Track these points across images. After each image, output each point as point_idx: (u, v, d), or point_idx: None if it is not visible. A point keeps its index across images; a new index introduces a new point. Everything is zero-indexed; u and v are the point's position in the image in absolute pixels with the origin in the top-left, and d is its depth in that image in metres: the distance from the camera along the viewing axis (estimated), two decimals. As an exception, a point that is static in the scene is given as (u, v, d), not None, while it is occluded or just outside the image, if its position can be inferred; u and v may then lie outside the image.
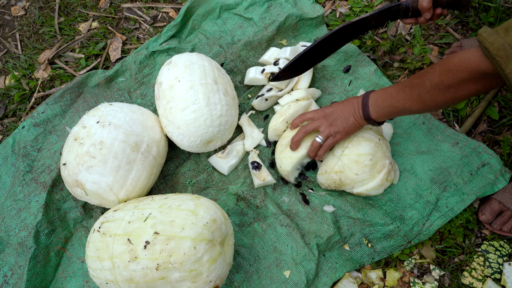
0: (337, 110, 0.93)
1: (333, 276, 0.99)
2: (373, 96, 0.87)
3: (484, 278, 0.97)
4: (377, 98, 0.86)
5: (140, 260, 0.79)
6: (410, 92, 0.78)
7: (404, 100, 0.80)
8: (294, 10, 1.28)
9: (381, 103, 0.85)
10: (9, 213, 1.07)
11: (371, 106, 0.87)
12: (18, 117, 1.34)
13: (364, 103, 0.88)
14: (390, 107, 0.84)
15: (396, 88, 0.83)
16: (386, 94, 0.84)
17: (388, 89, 0.85)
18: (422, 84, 0.75)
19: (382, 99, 0.85)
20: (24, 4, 1.58)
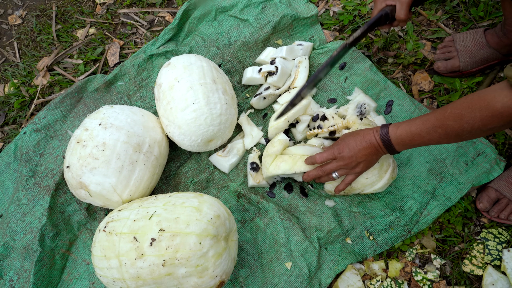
0: (358, 153, 0.90)
1: (336, 268, 1.01)
2: (396, 136, 0.85)
3: (484, 265, 0.99)
4: (402, 139, 0.84)
5: (147, 257, 0.81)
6: (445, 133, 0.78)
7: (437, 139, 0.81)
8: (288, 10, 1.30)
9: (409, 143, 0.85)
10: (14, 217, 1.07)
11: (397, 145, 0.86)
12: (18, 124, 1.35)
13: (387, 144, 0.86)
14: (421, 144, 0.84)
15: (424, 128, 0.81)
16: (413, 135, 0.83)
17: (414, 129, 0.82)
18: (461, 127, 0.75)
19: (409, 140, 0.84)
20: (21, 13, 1.59)
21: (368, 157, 0.90)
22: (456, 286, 0.98)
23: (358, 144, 0.90)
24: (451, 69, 1.17)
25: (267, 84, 1.20)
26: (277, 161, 1.03)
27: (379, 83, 1.19)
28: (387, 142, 0.86)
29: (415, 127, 0.82)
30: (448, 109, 0.77)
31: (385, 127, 0.87)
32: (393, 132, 0.85)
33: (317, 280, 1.00)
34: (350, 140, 0.91)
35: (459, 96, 1.17)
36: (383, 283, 1.01)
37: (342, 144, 0.92)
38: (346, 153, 0.91)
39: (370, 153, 0.89)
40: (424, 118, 0.82)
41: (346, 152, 0.91)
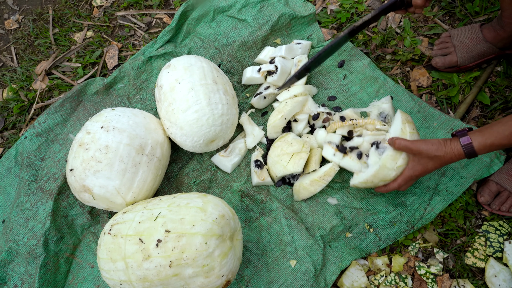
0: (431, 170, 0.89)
1: (341, 265, 1.02)
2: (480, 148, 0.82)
3: (486, 257, 1.00)
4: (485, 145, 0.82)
5: (153, 259, 0.81)
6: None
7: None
8: (286, 10, 1.31)
9: (492, 147, 0.82)
10: (17, 223, 1.07)
11: (480, 152, 0.84)
12: (18, 129, 1.35)
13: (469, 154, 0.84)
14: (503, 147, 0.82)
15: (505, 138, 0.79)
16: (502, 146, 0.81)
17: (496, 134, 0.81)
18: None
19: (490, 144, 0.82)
20: (17, 17, 1.59)
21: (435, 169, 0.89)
22: (459, 279, 0.99)
23: (436, 165, 0.88)
24: (449, 64, 1.18)
25: (267, 84, 1.21)
26: (295, 159, 1.04)
27: (378, 79, 1.20)
28: (472, 154, 0.84)
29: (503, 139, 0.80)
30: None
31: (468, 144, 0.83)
32: (477, 142, 0.82)
33: (323, 278, 1.00)
34: (429, 163, 0.88)
35: (457, 91, 1.18)
36: (387, 278, 1.02)
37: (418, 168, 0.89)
38: (421, 174, 0.90)
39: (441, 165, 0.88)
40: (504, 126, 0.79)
41: (421, 173, 0.90)
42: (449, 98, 1.19)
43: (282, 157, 1.07)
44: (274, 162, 1.09)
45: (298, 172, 1.06)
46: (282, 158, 1.07)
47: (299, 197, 1.08)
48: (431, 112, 1.15)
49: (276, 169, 1.08)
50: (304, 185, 1.06)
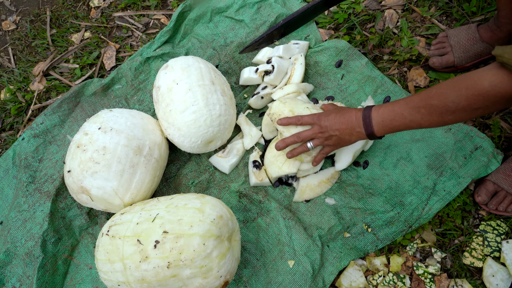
0: (333, 126, 0.91)
1: (339, 265, 1.02)
2: (378, 115, 0.85)
3: (484, 257, 1.01)
4: (383, 118, 0.84)
5: (151, 260, 0.81)
6: (428, 113, 0.77)
7: (419, 120, 0.79)
8: (283, 10, 1.31)
9: (389, 123, 0.84)
10: (15, 224, 1.07)
11: (376, 126, 0.85)
12: (15, 130, 1.34)
13: (366, 123, 0.86)
14: (401, 126, 0.83)
15: (407, 108, 0.80)
16: (395, 114, 0.82)
17: (397, 109, 0.82)
18: (445, 106, 0.74)
19: (390, 119, 0.83)
20: (15, 18, 1.58)
21: (341, 133, 0.90)
22: (457, 279, 1.00)
23: (336, 117, 0.91)
24: (446, 64, 1.19)
25: (264, 84, 1.21)
26: (290, 160, 1.05)
27: (375, 79, 1.20)
28: (367, 120, 0.85)
29: (398, 107, 0.82)
30: (433, 89, 0.76)
31: (369, 107, 0.87)
32: (375, 111, 0.85)
33: (321, 278, 1.00)
34: (332, 112, 0.94)
35: (455, 91, 1.19)
36: (385, 278, 1.02)
37: (323, 113, 0.95)
38: (323, 121, 0.92)
39: (344, 130, 0.90)
40: (408, 99, 0.81)
41: (323, 121, 0.92)
42: (447, 98, 1.19)
43: (278, 158, 1.07)
44: (270, 163, 1.09)
45: (293, 173, 1.06)
46: (277, 159, 1.07)
47: (302, 198, 1.08)
48: (429, 112, 1.15)
49: (271, 170, 1.08)
50: (312, 186, 1.07)
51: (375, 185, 1.07)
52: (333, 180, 1.09)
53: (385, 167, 1.09)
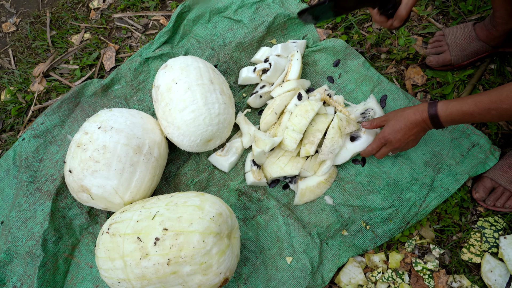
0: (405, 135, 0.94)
1: (338, 262, 1.02)
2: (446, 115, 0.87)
3: (482, 253, 1.01)
4: (453, 118, 0.87)
5: (151, 257, 0.81)
6: (499, 116, 0.80)
7: (489, 119, 0.82)
8: (282, 10, 1.32)
9: (458, 121, 0.87)
10: (15, 223, 1.08)
11: (445, 122, 0.89)
12: (16, 131, 1.35)
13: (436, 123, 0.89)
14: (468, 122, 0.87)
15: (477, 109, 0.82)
16: (464, 114, 0.84)
17: (466, 109, 0.84)
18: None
19: (459, 119, 0.86)
20: (15, 20, 1.59)
21: (416, 135, 0.94)
22: (456, 275, 1.00)
23: (403, 127, 0.94)
24: (443, 63, 1.20)
25: (263, 83, 1.22)
26: (293, 162, 1.07)
27: (372, 78, 1.21)
28: (435, 119, 0.88)
29: (467, 107, 0.83)
30: (504, 92, 0.77)
31: (433, 105, 0.89)
32: (443, 110, 0.87)
33: (320, 275, 1.01)
34: (395, 124, 0.95)
35: (452, 89, 1.20)
36: (384, 275, 1.02)
37: (387, 130, 0.97)
38: (393, 137, 0.95)
39: (417, 132, 0.93)
40: (476, 99, 0.82)
41: (392, 137, 0.95)
42: (444, 96, 1.20)
43: (280, 159, 1.09)
44: (270, 162, 1.10)
45: (295, 174, 1.07)
46: (280, 159, 1.09)
47: (303, 200, 1.09)
48: (426, 110, 1.16)
49: (272, 170, 1.09)
50: (311, 187, 1.07)
51: (373, 182, 1.08)
52: (331, 179, 1.10)
53: (383, 165, 1.10)
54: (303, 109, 1.08)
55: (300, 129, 1.06)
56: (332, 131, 1.06)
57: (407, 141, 0.95)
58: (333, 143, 1.06)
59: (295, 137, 1.05)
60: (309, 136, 1.07)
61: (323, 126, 1.07)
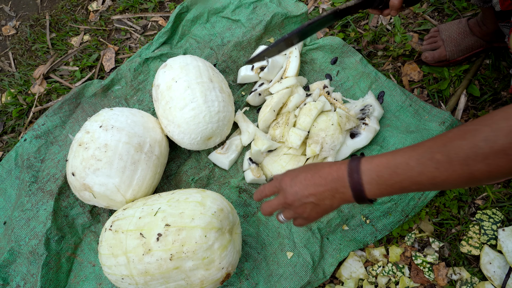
0: (305, 191, 0.66)
1: (338, 256, 1.03)
2: (370, 168, 0.60)
3: (481, 245, 1.03)
4: (379, 173, 0.59)
5: (154, 252, 0.82)
6: (448, 161, 0.53)
7: (433, 172, 0.54)
8: (279, 9, 1.34)
9: (388, 179, 0.58)
10: (18, 223, 1.08)
11: (368, 184, 0.60)
12: (17, 132, 1.36)
13: (354, 180, 0.61)
14: (405, 182, 0.57)
15: (414, 155, 0.56)
16: (396, 166, 0.58)
17: (399, 158, 0.58)
18: (473, 147, 0.50)
19: (389, 173, 0.58)
20: (14, 23, 1.61)
21: (318, 199, 0.65)
22: (455, 267, 1.01)
23: (307, 178, 0.66)
24: (438, 58, 1.21)
25: (261, 80, 1.23)
26: (294, 161, 1.08)
27: (370, 75, 1.23)
28: (355, 176, 0.61)
29: (401, 156, 0.58)
30: (455, 129, 0.55)
31: (356, 158, 0.63)
32: (367, 163, 0.61)
33: (321, 269, 1.02)
34: (301, 171, 0.68)
35: (448, 84, 1.21)
36: (384, 268, 1.03)
37: (288, 174, 0.70)
38: (289, 187, 0.68)
39: (322, 194, 0.64)
40: (415, 145, 0.58)
41: (288, 185, 0.68)
42: (440, 91, 1.22)
43: (281, 157, 1.10)
44: (272, 161, 1.11)
45: None
46: (282, 158, 1.10)
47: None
48: (422, 105, 1.17)
49: (273, 168, 1.10)
50: None
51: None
52: None
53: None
54: (306, 108, 1.09)
55: (305, 127, 1.07)
56: (332, 127, 1.07)
57: (304, 201, 0.66)
58: (333, 140, 1.07)
59: (299, 134, 1.06)
60: (313, 136, 1.08)
61: (325, 125, 1.09)
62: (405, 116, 1.18)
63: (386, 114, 1.18)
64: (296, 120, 1.11)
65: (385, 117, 1.18)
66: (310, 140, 1.08)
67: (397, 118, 1.18)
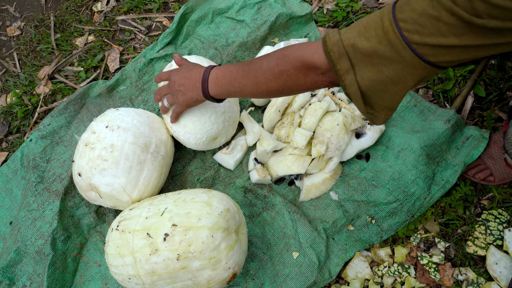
0: (178, 81, 0.90)
1: (344, 256, 1.03)
2: (215, 72, 0.83)
3: (487, 245, 1.02)
4: (217, 75, 0.82)
5: (161, 252, 0.82)
6: (248, 71, 0.76)
7: (241, 79, 0.77)
8: (283, 10, 1.34)
9: (221, 80, 0.81)
10: (24, 223, 1.09)
11: (210, 83, 0.83)
12: (22, 133, 1.37)
13: (204, 79, 0.84)
14: (228, 85, 0.80)
15: (236, 66, 0.79)
16: (226, 71, 0.80)
17: (230, 66, 0.81)
18: (261, 65, 0.74)
19: (222, 76, 0.81)
20: (19, 24, 1.61)
21: (185, 88, 0.88)
22: (461, 267, 1.01)
23: (184, 72, 0.89)
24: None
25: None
26: (300, 160, 1.08)
27: (375, 75, 1.23)
28: (205, 75, 0.83)
29: (234, 65, 0.80)
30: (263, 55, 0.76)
31: (213, 66, 0.86)
32: (217, 68, 0.83)
33: (327, 269, 1.02)
34: (184, 67, 0.92)
35: (453, 84, 1.21)
36: (390, 269, 1.03)
37: (177, 68, 0.94)
38: (174, 75, 0.91)
39: (188, 85, 0.87)
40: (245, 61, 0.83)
41: (174, 74, 0.92)
42: (445, 91, 1.22)
43: (287, 157, 1.10)
44: (277, 161, 1.11)
45: (301, 173, 1.08)
46: (287, 158, 1.10)
47: (308, 197, 1.10)
48: (427, 105, 1.17)
49: (278, 168, 1.10)
50: (317, 184, 1.09)
51: (378, 177, 1.09)
52: (337, 176, 1.11)
53: (387, 159, 1.11)
54: (312, 108, 1.09)
55: (310, 127, 1.08)
56: (338, 128, 1.07)
57: (177, 88, 0.90)
58: (339, 140, 1.07)
59: (305, 134, 1.06)
60: (318, 136, 1.08)
61: (331, 125, 1.09)
62: (410, 117, 1.18)
63: (391, 114, 1.18)
64: (301, 121, 1.11)
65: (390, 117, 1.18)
66: (315, 140, 1.08)
67: (402, 118, 1.18)
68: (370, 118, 0.68)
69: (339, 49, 0.61)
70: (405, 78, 0.59)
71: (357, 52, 0.60)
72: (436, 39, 0.54)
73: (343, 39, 0.61)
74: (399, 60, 0.57)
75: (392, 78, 0.60)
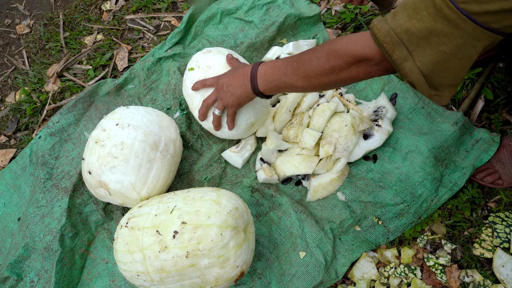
0: (227, 82, 0.91)
1: (351, 257, 1.04)
2: (262, 68, 0.84)
3: (493, 248, 1.03)
4: (266, 71, 0.83)
5: (170, 250, 0.83)
6: (297, 67, 0.76)
7: (291, 75, 0.78)
8: (292, 11, 1.35)
9: (270, 76, 0.82)
10: (33, 219, 1.09)
11: (259, 79, 0.84)
12: (31, 130, 1.38)
13: (252, 75, 0.85)
14: (278, 81, 0.81)
15: (284, 62, 0.80)
16: (275, 67, 0.81)
17: (277, 62, 0.82)
18: (310, 61, 0.74)
19: (271, 72, 0.82)
20: (28, 22, 1.63)
21: (233, 87, 0.88)
22: (468, 270, 1.01)
23: (232, 71, 0.90)
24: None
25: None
26: (307, 160, 1.09)
27: (382, 77, 1.23)
28: (253, 71, 0.84)
29: (280, 61, 0.81)
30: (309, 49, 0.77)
31: (259, 63, 0.87)
32: (263, 64, 0.84)
33: (333, 269, 1.02)
34: (229, 71, 0.93)
35: (461, 86, 1.21)
36: (396, 270, 1.04)
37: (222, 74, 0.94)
38: (221, 79, 0.92)
39: (237, 84, 0.88)
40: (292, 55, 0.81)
41: (221, 78, 0.92)
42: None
43: (295, 157, 1.10)
44: (285, 161, 1.12)
45: (309, 173, 1.09)
46: (294, 158, 1.10)
47: (315, 197, 1.11)
48: (435, 108, 1.18)
49: (286, 168, 1.11)
50: (324, 184, 1.09)
51: (385, 178, 1.10)
52: (344, 176, 1.12)
53: (394, 161, 1.11)
54: (320, 108, 1.10)
55: (318, 127, 1.08)
56: (346, 129, 1.08)
57: (226, 89, 0.91)
58: (347, 141, 1.07)
59: (313, 135, 1.07)
60: (326, 137, 1.09)
61: (339, 126, 1.09)
62: (418, 118, 1.18)
63: (398, 116, 1.19)
64: (309, 121, 1.12)
65: (398, 119, 1.18)
66: (323, 140, 1.09)
67: (409, 120, 1.18)
68: (436, 100, 0.67)
69: (392, 39, 0.60)
70: (469, 51, 0.58)
71: (412, 37, 0.59)
72: (497, 4, 0.52)
73: (393, 28, 0.60)
74: (459, 34, 0.56)
75: (454, 55, 0.58)
